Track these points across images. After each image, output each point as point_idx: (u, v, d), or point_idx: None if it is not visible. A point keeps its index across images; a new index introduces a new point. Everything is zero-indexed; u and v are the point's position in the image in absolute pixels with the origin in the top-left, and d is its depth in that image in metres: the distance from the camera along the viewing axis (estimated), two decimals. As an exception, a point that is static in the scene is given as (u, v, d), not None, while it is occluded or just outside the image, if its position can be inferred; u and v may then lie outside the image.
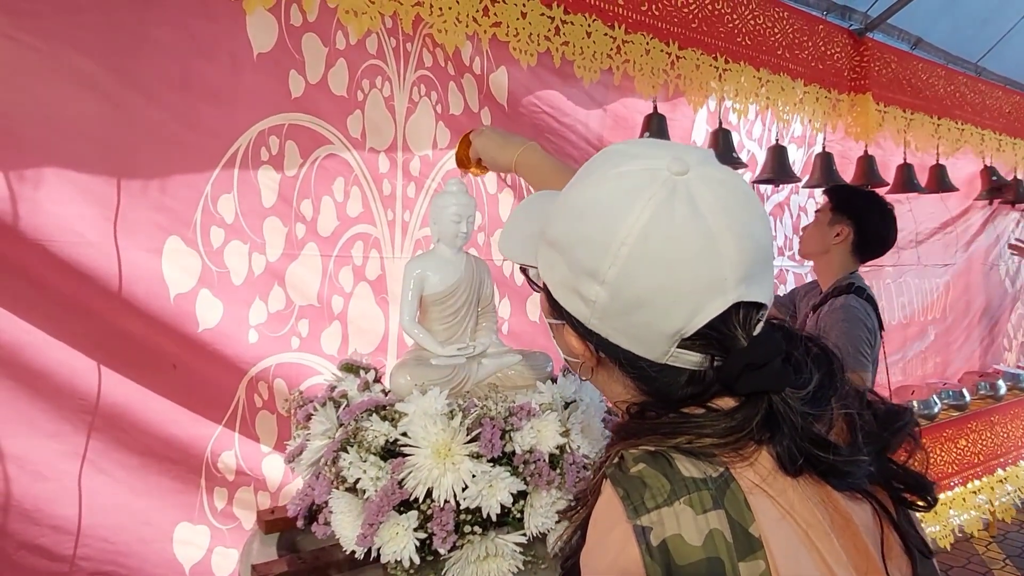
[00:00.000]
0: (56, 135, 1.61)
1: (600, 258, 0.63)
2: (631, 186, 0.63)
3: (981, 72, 4.25)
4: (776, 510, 0.59)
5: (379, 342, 2.16)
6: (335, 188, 2.06)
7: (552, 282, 0.70)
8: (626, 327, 0.65)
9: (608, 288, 0.63)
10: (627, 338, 0.65)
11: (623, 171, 0.65)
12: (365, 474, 1.14)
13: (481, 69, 2.31)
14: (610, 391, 0.74)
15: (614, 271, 0.62)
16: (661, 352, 0.64)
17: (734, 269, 0.61)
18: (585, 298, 0.65)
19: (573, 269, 0.66)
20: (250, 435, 1.93)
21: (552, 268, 0.69)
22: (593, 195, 0.66)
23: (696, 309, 0.61)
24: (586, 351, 0.70)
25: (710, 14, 2.78)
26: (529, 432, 1.20)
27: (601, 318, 0.65)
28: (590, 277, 0.64)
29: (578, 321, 0.68)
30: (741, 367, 0.63)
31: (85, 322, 1.65)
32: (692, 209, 0.61)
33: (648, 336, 0.64)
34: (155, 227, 1.75)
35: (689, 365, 0.65)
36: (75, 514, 1.66)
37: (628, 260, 0.61)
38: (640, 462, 0.61)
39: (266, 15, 1.89)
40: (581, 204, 0.66)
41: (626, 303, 0.63)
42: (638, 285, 0.62)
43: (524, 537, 1.17)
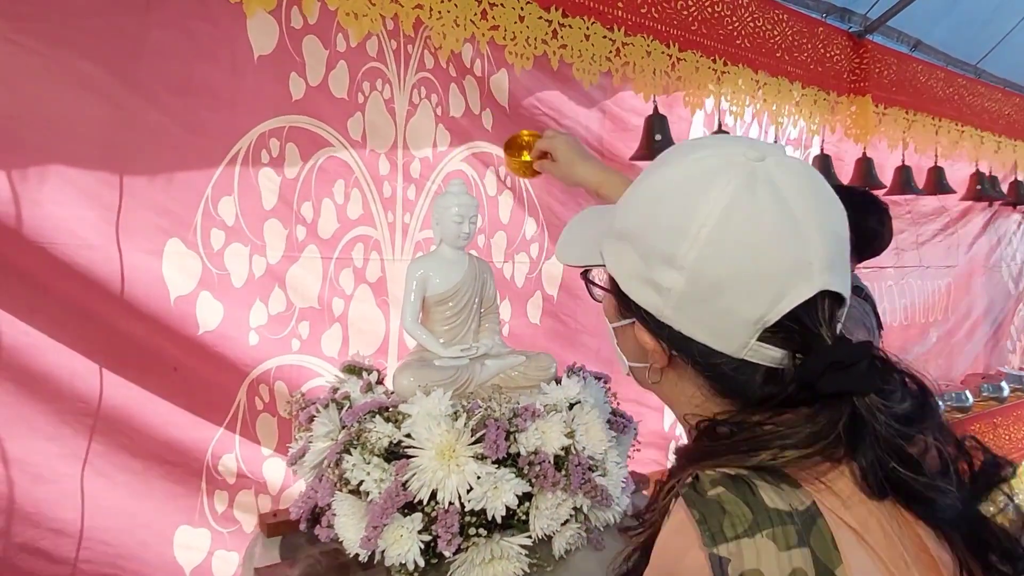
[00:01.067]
0: (58, 138, 1.60)
1: (677, 242, 0.60)
2: (709, 168, 0.61)
3: (980, 74, 4.25)
4: (864, 551, 0.55)
5: (380, 344, 2.16)
6: (335, 190, 2.05)
7: (621, 275, 0.67)
8: (704, 316, 0.61)
9: (686, 273, 0.60)
10: (704, 329, 0.62)
11: (697, 157, 0.63)
12: (369, 476, 1.14)
13: (482, 71, 2.31)
14: (679, 395, 0.69)
15: (693, 254, 0.59)
16: (740, 345, 0.61)
17: (818, 255, 0.59)
18: (659, 287, 0.62)
19: (646, 257, 0.63)
20: (251, 437, 1.92)
21: (621, 260, 0.67)
22: (668, 179, 0.64)
23: (780, 294, 0.58)
24: (657, 349, 0.66)
25: (710, 16, 2.78)
26: (534, 433, 1.19)
27: (676, 307, 0.62)
28: (666, 263, 0.61)
29: (650, 314, 0.64)
30: (825, 364, 0.58)
31: (86, 325, 1.64)
32: (773, 191, 0.59)
33: (728, 325, 0.60)
34: (156, 229, 1.74)
35: (768, 361, 0.61)
36: (76, 517, 1.65)
37: (708, 242, 0.59)
38: (719, 485, 0.56)
39: (267, 17, 1.89)
40: (655, 189, 0.64)
41: (705, 289, 0.60)
42: (719, 268, 0.59)
43: (530, 539, 1.17)
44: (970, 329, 4.75)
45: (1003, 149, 4.39)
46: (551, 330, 2.56)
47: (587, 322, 2.70)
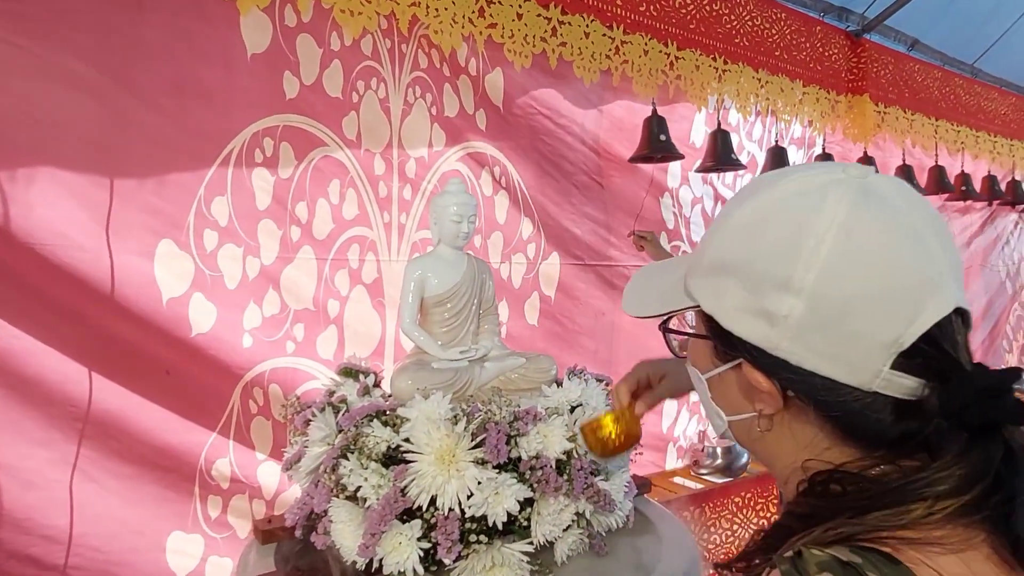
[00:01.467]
0: (48, 137, 1.58)
1: (792, 263, 0.54)
2: (815, 185, 0.56)
3: (977, 73, 4.25)
4: None
5: (376, 346, 2.13)
6: (330, 190, 2.03)
7: (722, 310, 0.60)
8: (828, 344, 0.54)
9: (805, 297, 0.54)
10: (829, 359, 0.55)
11: (797, 177, 0.58)
12: (366, 482, 1.11)
13: (477, 70, 2.28)
14: (792, 445, 0.61)
15: (812, 275, 0.53)
16: (872, 374, 0.53)
17: (946, 267, 0.54)
18: (773, 316, 0.55)
19: (754, 286, 0.57)
20: (245, 442, 1.90)
21: (721, 295, 0.60)
22: (770, 201, 0.58)
23: (916, 311, 0.52)
24: (772, 390, 0.59)
25: (708, 15, 2.77)
26: (535, 437, 1.17)
27: (794, 337, 0.55)
28: (780, 289, 0.55)
29: (761, 350, 0.57)
30: (974, 392, 0.52)
31: (76, 327, 1.62)
32: (890, 204, 0.54)
33: (857, 352, 0.53)
34: (147, 230, 1.72)
35: (902, 392, 0.54)
36: (66, 523, 1.63)
37: (829, 260, 0.53)
38: (826, 571, 0.48)
39: (260, 15, 1.86)
40: (755, 214, 0.58)
41: (829, 312, 0.54)
42: (844, 287, 0.53)
43: (531, 546, 1.14)
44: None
45: (999, 148, 4.39)
46: (549, 331, 2.54)
47: (585, 323, 2.68)
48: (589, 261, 2.68)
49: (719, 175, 3.14)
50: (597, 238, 2.70)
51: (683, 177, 3.01)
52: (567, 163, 2.60)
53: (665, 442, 3.03)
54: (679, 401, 3.04)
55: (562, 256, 2.59)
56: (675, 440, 3.07)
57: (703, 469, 2.89)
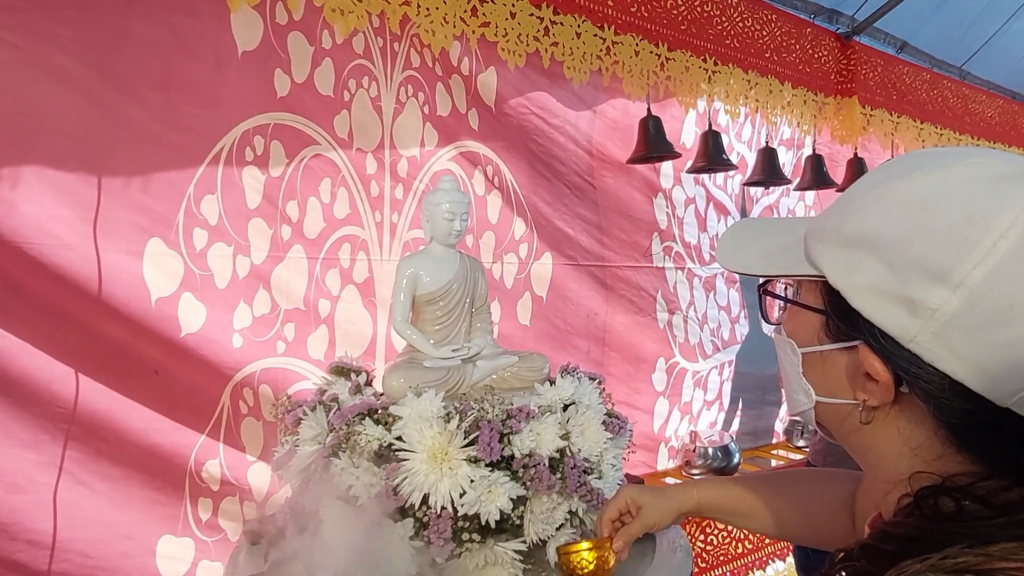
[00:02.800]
0: (34, 134, 1.56)
1: (958, 256, 0.49)
2: (999, 174, 0.51)
3: (965, 76, 4.27)
4: None
5: (367, 346, 2.11)
6: (321, 189, 2.01)
7: (851, 287, 0.56)
8: (975, 348, 0.50)
9: (964, 293, 0.49)
10: (969, 364, 0.50)
11: (976, 162, 0.53)
12: (358, 480, 1.10)
13: (469, 70, 2.28)
14: (900, 446, 0.57)
15: (980, 272, 0.49)
16: (1012, 390, 0.49)
17: None
18: (917, 306, 0.51)
19: (900, 270, 0.52)
20: (235, 443, 1.88)
21: (856, 270, 0.55)
22: (942, 182, 0.53)
23: None
24: (887, 382, 0.55)
25: (699, 16, 2.77)
26: (528, 435, 1.16)
27: (937, 333, 0.51)
28: (935, 279, 0.50)
29: (889, 338, 0.53)
30: None
31: (63, 327, 1.60)
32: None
33: (1004, 365, 0.49)
34: (136, 229, 1.70)
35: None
36: (51, 528, 1.61)
37: (1006, 259, 0.48)
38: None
39: (251, 12, 1.85)
40: (921, 192, 0.53)
41: (988, 315, 0.49)
42: (1014, 293, 0.48)
43: (524, 544, 1.13)
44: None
45: (986, 151, 4.42)
46: (541, 331, 2.53)
47: (577, 324, 2.67)
48: (582, 261, 2.67)
49: (710, 176, 3.15)
50: (590, 238, 2.70)
51: (676, 178, 3.01)
52: (559, 163, 2.59)
53: (656, 442, 3.03)
54: (670, 402, 3.04)
55: (554, 256, 2.58)
56: (666, 440, 3.06)
57: (695, 469, 2.88)
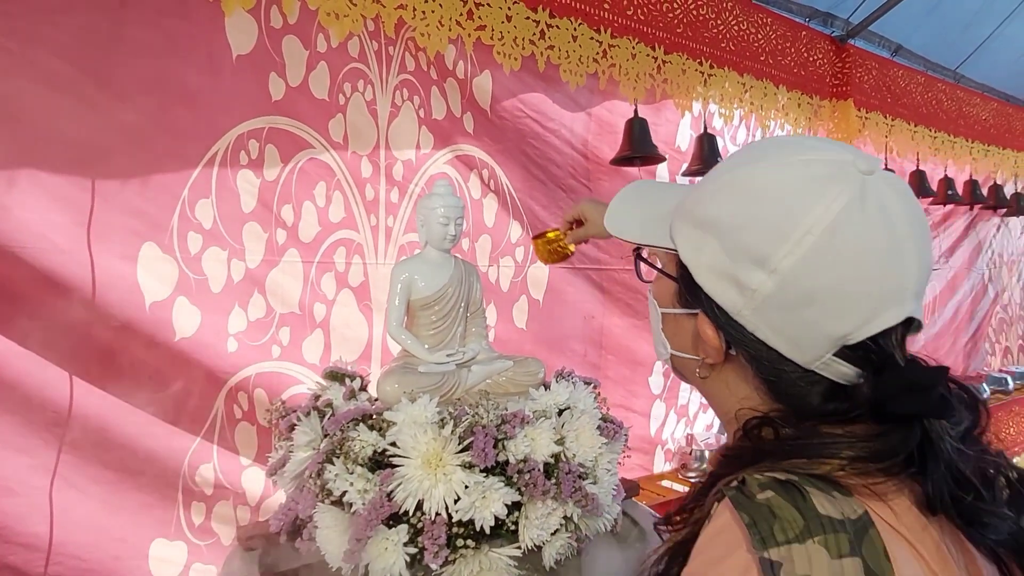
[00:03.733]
0: (28, 138, 1.55)
1: (775, 245, 0.58)
2: (821, 174, 0.58)
3: (960, 79, 4.29)
4: (919, 565, 0.54)
5: (363, 350, 2.11)
6: (317, 193, 2.01)
7: (697, 265, 0.64)
8: (785, 323, 0.59)
9: (778, 278, 0.58)
10: (780, 336, 0.60)
11: (807, 159, 0.60)
12: (352, 486, 1.10)
13: (464, 73, 2.28)
14: (729, 395, 0.68)
15: (790, 261, 0.57)
16: (814, 357, 0.59)
17: (912, 281, 0.58)
18: (743, 286, 0.60)
19: (733, 253, 0.60)
20: (229, 447, 1.87)
21: (700, 250, 0.64)
22: (775, 177, 0.60)
23: (871, 315, 0.57)
24: (717, 345, 0.65)
25: (695, 19, 2.78)
26: (523, 440, 1.16)
27: (757, 310, 0.60)
28: (756, 264, 0.59)
29: (722, 310, 0.62)
30: (901, 385, 0.57)
31: (57, 331, 1.59)
32: (882, 211, 0.57)
33: (808, 337, 0.59)
34: (130, 233, 1.69)
35: (837, 377, 0.60)
36: (46, 531, 1.60)
37: (810, 251, 0.56)
38: (768, 489, 0.54)
39: (246, 16, 1.85)
40: (754, 185, 0.61)
41: (795, 297, 0.58)
42: (815, 279, 0.57)
43: (519, 550, 1.13)
44: (954, 332, 4.79)
45: (975, 154, 4.43)
46: (537, 335, 2.53)
47: (574, 326, 2.67)
48: (578, 264, 2.67)
49: (706, 179, 3.15)
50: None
51: (671, 180, 3.02)
52: (555, 166, 2.59)
53: (653, 445, 3.03)
54: (667, 405, 3.04)
55: (551, 259, 2.58)
56: (663, 443, 3.06)
57: (691, 472, 2.89)
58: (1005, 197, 4.66)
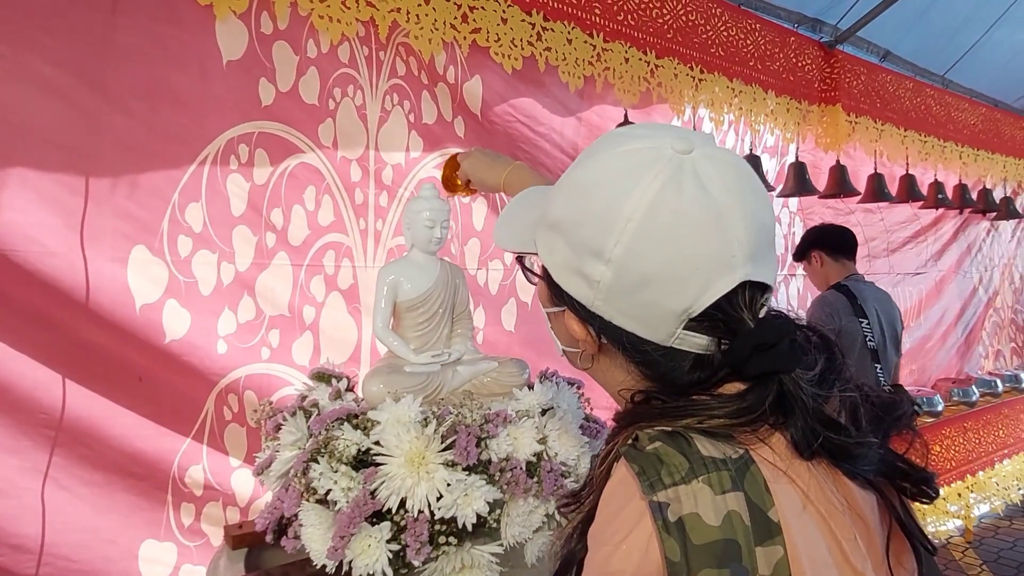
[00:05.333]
0: (20, 142, 1.57)
1: (605, 236, 0.61)
2: (636, 163, 0.62)
3: (948, 84, 4.33)
4: (797, 495, 0.57)
5: (352, 352, 2.13)
6: (306, 197, 2.03)
7: (553, 265, 0.68)
8: (631, 307, 0.63)
9: (613, 267, 0.61)
10: (632, 319, 0.63)
11: (627, 149, 0.63)
12: (336, 485, 1.11)
13: (455, 78, 2.30)
14: (611, 379, 0.71)
15: (620, 249, 0.60)
16: (667, 334, 0.63)
17: (741, 247, 0.60)
18: (589, 279, 0.63)
19: (576, 249, 0.64)
20: (219, 448, 1.89)
21: (553, 251, 0.68)
22: (597, 173, 0.64)
23: (704, 287, 0.60)
24: (587, 337, 0.68)
25: (684, 24, 2.81)
26: (505, 439, 1.17)
27: (605, 299, 0.63)
28: (594, 256, 0.62)
29: (580, 304, 0.66)
30: (751, 348, 0.61)
31: (48, 333, 1.61)
32: (699, 186, 0.60)
33: (654, 316, 0.62)
34: (121, 236, 1.71)
35: (695, 348, 0.63)
36: (37, 532, 1.61)
37: (634, 237, 0.60)
38: (656, 440, 0.59)
39: (236, 22, 1.87)
40: (585, 182, 0.65)
41: (632, 282, 0.61)
42: (645, 262, 0.60)
43: (501, 547, 1.14)
44: (942, 335, 4.82)
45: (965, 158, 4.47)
46: (526, 337, 2.55)
47: (563, 329, 2.68)
48: (567, 268, 2.69)
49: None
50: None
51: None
52: (545, 171, 2.61)
53: (643, 448, 3.04)
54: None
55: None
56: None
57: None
58: (994, 201, 4.69)
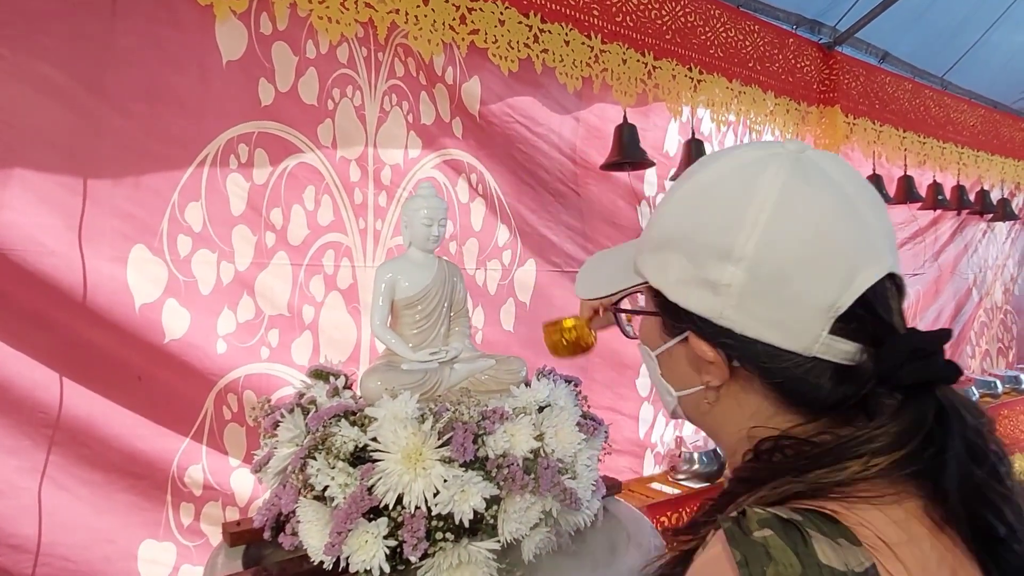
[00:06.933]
0: (21, 143, 1.58)
1: (733, 233, 0.57)
2: (753, 160, 0.59)
3: (947, 86, 4.33)
4: None
5: (351, 352, 2.13)
6: (305, 196, 2.03)
7: (668, 283, 0.63)
8: (769, 310, 0.57)
9: (745, 265, 0.56)
10: (770, 326, 0.57)
11: (737, 155, 0.60)
12: (333, 481, 1.11)
13: (453, 79, 2.30)
14: (739, 414, 0.63)
15: (752, 244, 0.56)
16: (811, 339, 0.56)
17: (879, 236, 0.57)
18: (715, 285, 0.58)
19: (696, 258, 0.59)
20: (218, 448, 1.89)
21: (666, 268, 0.62)
22: (711, 176, 0.60)
23: (851, 274, 0.55)
24: (717, 359, 0.61)
25: (683, 26, 2.81)
26: (502, 436, 1.18)
27: (737, 305, 0.57)
28: (721, 259, 0.57)
29: (706, 320, 0.60)
30: (906, 353, 0.54)
31: (47, 333, 1.61)
32: (824, 176, 0.57)
33: (796, 317, 0.56)
34: (120, 236, 1.71)
35: (840, 357, 0.56)
36: (35, 532, 1.61)
37: (767, 229, 0.56)
38: (768, 528, 0.49)
39: (236, 23, 1.87)
40: (699, 189, 0.61)
41: (769, 278, 0.56)
42: (783, 253, 0.56)
43: (498, 544, 1.14)
44: (937, 335, 4.80)
45: (965, 159, 4.47)
46: (525, 337, 2.55)
47: (561, 330, 2.68)
48: (566, 268, 2.70)
49: (694, 184, 3.17)
50: (575, 245, 2.72)
51: (659, 185, 3.04)
52: (543, 171, 2.62)
53: (643, 448, 3.04)
54: (655, 408, 3.06)
55: (539, 263, 2.61)
56: (652, 446, 3.08)
57: (680, 474, 2.90)
58: (992, 202, 4.69)
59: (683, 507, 2.71)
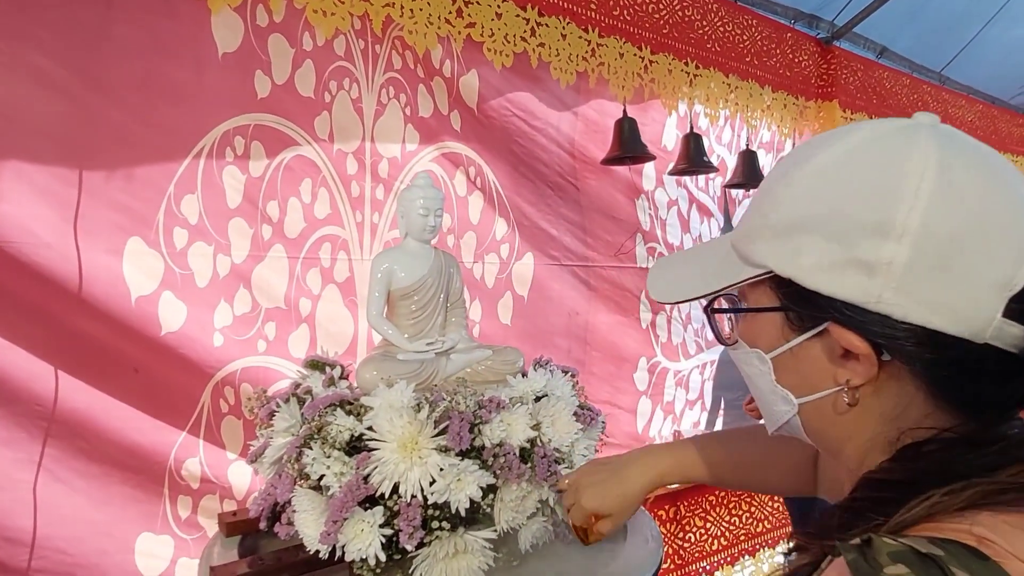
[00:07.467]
0: (14, 135, 1.57)
1: (891, 205, 0.50)
2: (891, 129, 0.54)
3: (945, 81, 4.33)
4: None
5: (348, 344, 2.12)
6: (302, 189, 2.03)
7: (804, 270, 0.55)
8: (938, 291, 0.50)
9: (909, 239, 0.50)
10: (939, 308, 0.50)
11: (869, 127, 0.55)
12: (329, 470, 1.11)
13: (451, 72, 2.30)
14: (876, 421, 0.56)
15: (917, 215, 0.50)
16: (985, 322, 0.49)
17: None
18: (872, 266, 0.51)
19: (843, 238, 0.52)
20: (215, 441, 1.88)
21: (798, 254, 0.55)
22: (842, 152, 0.55)
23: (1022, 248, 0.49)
24: (868, 353, 0.53)
25: (680, 20, 2.81)
26: (498, 425, 1.17)
27: (899, 287, 0.50)
28: (878, 235, 0.51)
29: (856, 308, 0.52)
30: None
31: (42, 325, 1.61)
32: (970, 146, 0.53)
33: (970, 296, 0.49)
34: (116, 228, 1.71)
35: (1011, 344, 0.50)
36: (30, 525, 1.60)
37: (934, 196, 0.50)
38: (901, 563, 0.42)
39: (232, 14, 1.87)
40: (832, 164, 0.55)
41: (939, 251, 0.50)
42: (952, 223, 0.49)
43: (494, 533, 1.14)
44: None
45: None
46: (522, 331, 2.55)
47: (558, 323, 2.69)
48: (565, 261, 2.69)
49: (693, 178, 3.18)
50: (573, 239, 2.72)
51: (658, 179, 3.04)
52: (541, 165, 2.62)
53: (641, 442, 3.04)
54: (652, 402, 3.05)
55: (537, 256, 2.60)
56: (650, 440, 3.08)
57: (678, 469, 2.89)
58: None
59: (680, 501, 2.71)
